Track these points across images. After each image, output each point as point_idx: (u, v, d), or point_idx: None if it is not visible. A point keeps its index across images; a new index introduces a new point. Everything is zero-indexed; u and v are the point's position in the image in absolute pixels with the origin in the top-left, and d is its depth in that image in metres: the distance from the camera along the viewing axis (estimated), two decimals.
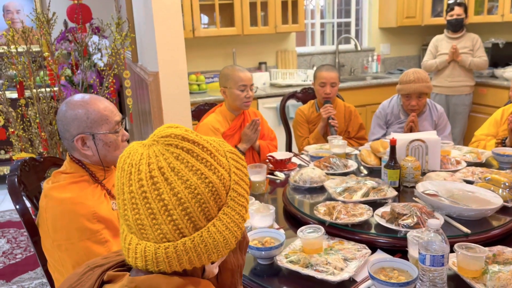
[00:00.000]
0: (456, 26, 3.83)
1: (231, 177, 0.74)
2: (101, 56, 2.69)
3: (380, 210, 1.51)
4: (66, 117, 1.39)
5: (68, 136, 1.41)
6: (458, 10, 3.80)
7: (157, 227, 0.68)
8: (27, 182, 1.55)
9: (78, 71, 2.69)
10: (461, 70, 3.86)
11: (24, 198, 1.51)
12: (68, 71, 2.97)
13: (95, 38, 2.65)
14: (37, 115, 2.35)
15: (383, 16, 4.83)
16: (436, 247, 1.08)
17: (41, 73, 2.62)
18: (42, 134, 2.35)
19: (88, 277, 0.77)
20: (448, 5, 3.89)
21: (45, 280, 2.75)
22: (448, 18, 3.86)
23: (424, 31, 5.08)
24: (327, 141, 2.64)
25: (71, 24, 3.39)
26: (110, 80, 2.42)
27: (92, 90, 2.60)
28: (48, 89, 2.45)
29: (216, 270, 0.81)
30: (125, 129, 1.62)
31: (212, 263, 0.78)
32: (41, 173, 1.67)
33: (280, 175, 2.10)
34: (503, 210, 1.49)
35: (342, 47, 4.88)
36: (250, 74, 2.35)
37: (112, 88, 2.43)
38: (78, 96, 1.44)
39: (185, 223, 0.68)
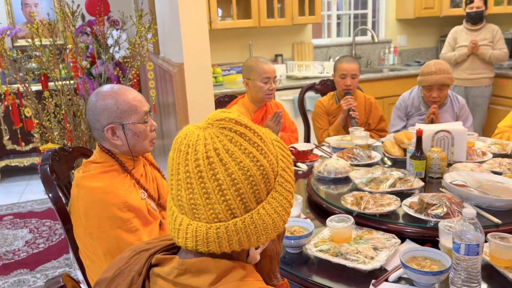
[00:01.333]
0: (476, 19, 3.78)
1: (278, 163, 0.76)
2: (119, 49, 2.71)
3: (408, 200, 1.51)
4: (96, 107, 1.41)
5: (98, 126, 1.43)
6: (477, 2, 3.74)
7: (210, 206, 0.70)
8: (58, 171, 1.58)
9: (99, 63, 2.72)
10: (480, 62, 3.80)
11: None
12: (86, 63, 2.99)
13: (114, 33, 2.66)
14: (62, 107, 2.38)
15: (401, 7, 4.77)
16: (470, 236, 1.08)
17: (60, 66, 2.65)
18: (67, 125, 2.38)
19: (136, 261, 0.78)
20: None
21: (68, 269, 2.80)
22: (468, 10, 3.80)
23: (442, 22, 5.02)
24: (347, 133, 2.64)
25: (88, 17, 3.42)
26: (133, 72, 2.44)
27: (116, 82, 2.62)
28: (72, 81, 2.48)
29: (258, 257, 0.82)
30: None
31: (257, 248, 0.80)
32: (71, 163, 1.70)
33: (303, 166, 2.11)
34: None
35: (359, 38, 4.85)
36: (273, 66, 2.35)
37: (135, 80, 2.45)
38: (107, 87, 1.45)
39: (237, 204, 0.70)
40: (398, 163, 2.00)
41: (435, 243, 1.31)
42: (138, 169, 1.53)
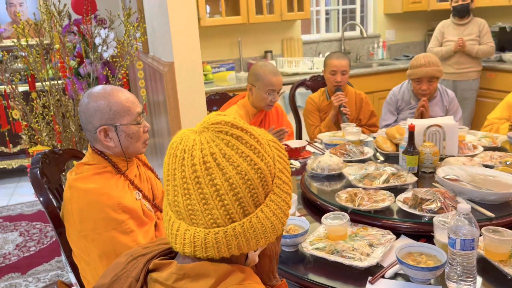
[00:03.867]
0: (462, 12, 3.79)
1: (275, 165, 0.75)
2: (107, 48, 2.67)
3: (402, 196, 1.52)
4: (88, 109, 1.39)
5: (90, 127, 1.41)
6: None
7: (208, 212, 0.69)
8: (49, 174, 1.55)
9: (87, 62, 2.68)
10: (467, 57, 3.83)
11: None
12: (74, 63, 2.96)
13: (102, 32, 2.63)
14: (51, 108, 2.34)
15: (389, 1, 4.79)
16: (465, 231, 1.08)
17: (48, 66, 2.61)
18: (57, 126, 2.35)
19: (133, 266, 0.77)
20: None
21: (60, 271, 2.77)
22: (454, 4, 3.81)
23: (430, 16, 5.05)
24: (338, 129, 2.64)
25: (74, 16, 3.37)
26: (122, 72, 2.41)
27: (105, 82, 2.59)
28: (60, 81, 2.45)
29: (257, 258, 0.82)
30: None
31: (255, 250, 0.79)
32: (61, 165, 1.67)
33: (295, 163, 2.10)
34: None
35: (348, 34, 4.85)
36: (281, 78, 2.31)
37: (124, 80, 2.42)
38: (99, 88, 1.43)
39: (235, 208, 0.69)
40: (391, 159, 2.00)
41: (429, 238, 1.32)
42: (131, 170, 1.52)
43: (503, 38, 4.23)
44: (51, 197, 1.48)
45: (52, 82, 2.45)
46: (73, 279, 1.55)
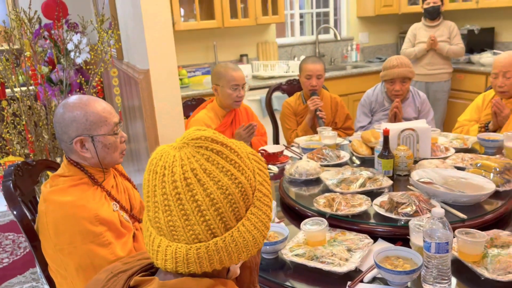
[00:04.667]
0: (433, 14, 3.91)
1: (255, 178, 0.76)
2: (79, 53, 2.62)
3: (378, 200, 1.55)
4: (64, 119, 1.37)
5: (66, 138, 1.38)
6: None
7: (190, 228, 0.69)
8: (22, 187, 1.51)
9: (59, 67, 2.62)
10: (439, 58, 3.94)
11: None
12: (45, 69, 2.89)
13: (75, 38, 2.58)
14: (23, 117, 2.28)
15: (361, 5, 4.87)
16: (440, 235, 1.12)
17: (17, 72, 2.54)
18: (29, 135, 2.29)
19: (113, 284, 0.77)
20: None
21: (35, 283, 2.71)
22: (425, 6, 3.93)
23: (401, 19, 5.16)
24: (315, 133, 2.67)
25: (44, 21, 3.29)
26: (97, 79, 2.37)
27: (78, 90, 2.54)
28: (31, 88, 2.38)
29: (238, 271, 0.82)
30: None
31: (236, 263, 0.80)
32: (35, 177, 1.63)
33: (273, 168, 2.12)
34: (495, 194, 1.54)
35: (322, 37, 4.91)
36: (243, 73, 2.36)
37: (99, 87, 2.38)
38: (75, 98, 1.41)
39: (217, 223, 0.69)
40: (367, 162, 2.04)
41: (406, 241, 1.35)
42: (108, 181, 1.50)
43: (472, 40, 4.36)
44: (25, 210, 1.45)
45: (23, 89, 2.39)
46: None
